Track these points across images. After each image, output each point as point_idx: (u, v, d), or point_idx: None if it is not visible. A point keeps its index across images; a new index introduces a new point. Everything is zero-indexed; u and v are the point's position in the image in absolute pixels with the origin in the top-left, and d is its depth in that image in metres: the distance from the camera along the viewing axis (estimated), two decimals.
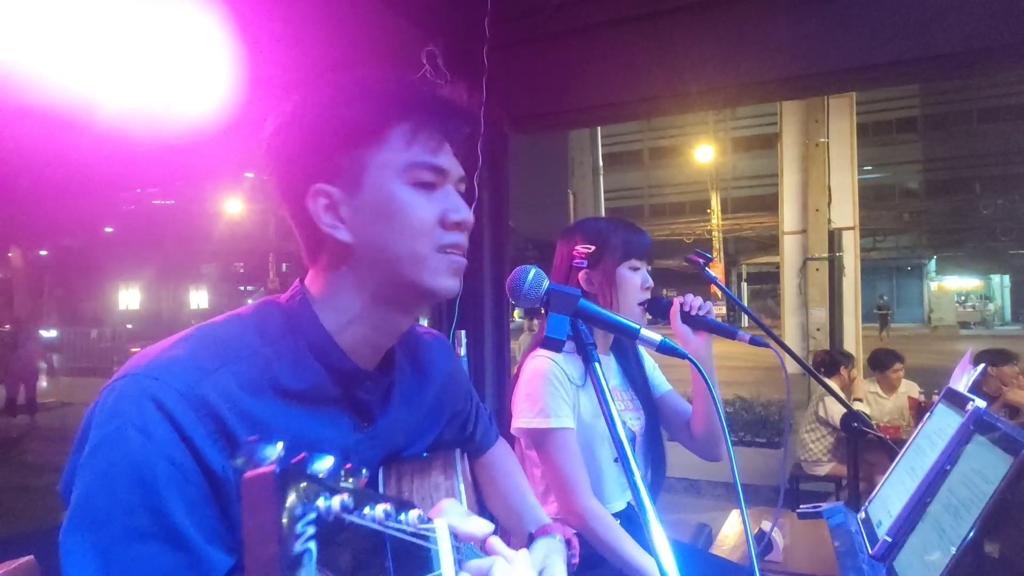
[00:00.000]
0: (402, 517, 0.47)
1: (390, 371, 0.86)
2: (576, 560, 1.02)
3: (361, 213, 0.76)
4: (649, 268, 1.62)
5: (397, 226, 0.75)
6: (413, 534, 0.47)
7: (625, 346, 1.72)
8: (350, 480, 0.45)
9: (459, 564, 0.53)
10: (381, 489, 0.87)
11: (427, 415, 0.97)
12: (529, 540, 1.03)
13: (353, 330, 0.79)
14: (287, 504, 0.37)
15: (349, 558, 0.41)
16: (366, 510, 0.43)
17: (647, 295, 1.59)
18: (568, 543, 1.00)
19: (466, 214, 0.79)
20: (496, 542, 0.64)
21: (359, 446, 0.83)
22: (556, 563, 0.91)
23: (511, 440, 1.54)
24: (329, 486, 0.41)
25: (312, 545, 0.37)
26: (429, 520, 0.51)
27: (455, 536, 0.54)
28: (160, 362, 0.69)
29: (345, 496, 0.40)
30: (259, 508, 0.37)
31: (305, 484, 0.39)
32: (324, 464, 0.42)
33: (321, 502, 0.39)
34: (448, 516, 0.58)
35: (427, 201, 0.77)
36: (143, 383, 0.67)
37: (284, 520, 0.37)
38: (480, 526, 0.61)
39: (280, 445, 0.40)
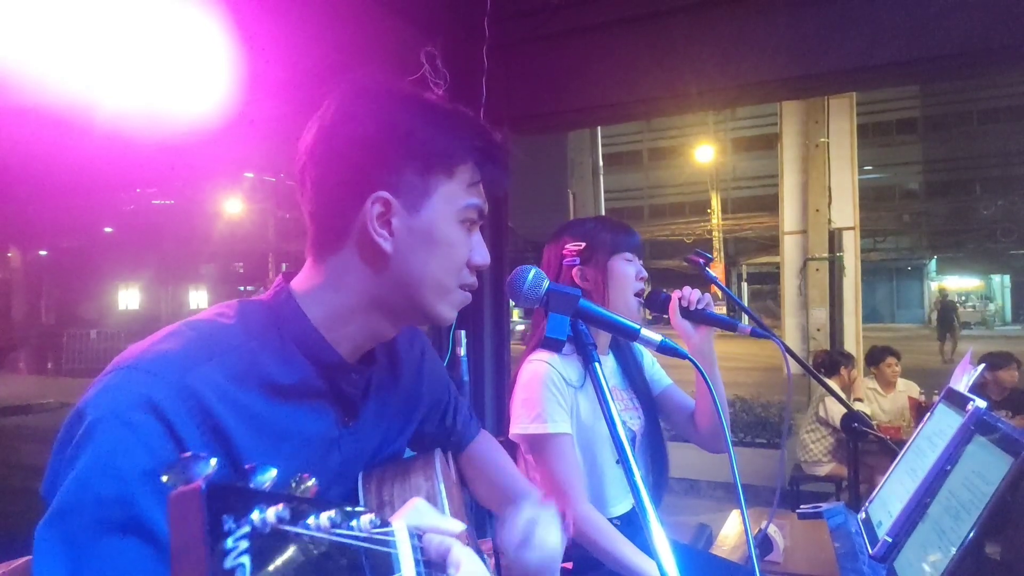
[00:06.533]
0: (353, 523, 0.46)
1: (370, 363, 0.87)
2: (569, 523, 0.99)
3: (412, 233, 0.79)
4: (641, 263, 1.61)
5: (439, 256, 0.80)
6: (367, 539, 0.46)
7: (623, 345, 1.71)
8: (299, 490, 0.44)
9: (420, 563, 0.51)
10: (361, 495, 0.86)
11: (405, 403, 0.97)
12: None
13: (340, 327, 0.80)
14: (216, 520, 0.36)
15: (298, 569, 0.39)
16: (310, 519, 0.42)
17: (643, 285, 1.58)
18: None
19: (488, 259, 0.86)
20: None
21: (343, 441, 0.83)
22: (545, 519, 0.88)
23: (513, 446, 1.53)
24: (267, 498, 0.40)
25: (245, 560, 0.36)
26: (386, 524, 0.50)
27: (418, 536, 0.53)
28: (149, 356, 0.68)
29: (280, 507, 0.39)
30: (185, 526, 0.36)
31: (238, 498, 0.38)
32: (267, 476, 0.41)
33: (256, 515, 0.38)
34: (417, 514, 0.56)
35: (466, 240, 0.83)
36: (131, 376, 0.66)
37: (212, 537, 0.36)
38: (451, 525, 0.58)
39: (213, 461, 0.39)
